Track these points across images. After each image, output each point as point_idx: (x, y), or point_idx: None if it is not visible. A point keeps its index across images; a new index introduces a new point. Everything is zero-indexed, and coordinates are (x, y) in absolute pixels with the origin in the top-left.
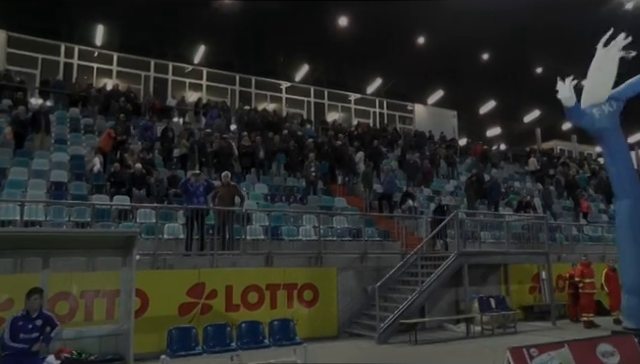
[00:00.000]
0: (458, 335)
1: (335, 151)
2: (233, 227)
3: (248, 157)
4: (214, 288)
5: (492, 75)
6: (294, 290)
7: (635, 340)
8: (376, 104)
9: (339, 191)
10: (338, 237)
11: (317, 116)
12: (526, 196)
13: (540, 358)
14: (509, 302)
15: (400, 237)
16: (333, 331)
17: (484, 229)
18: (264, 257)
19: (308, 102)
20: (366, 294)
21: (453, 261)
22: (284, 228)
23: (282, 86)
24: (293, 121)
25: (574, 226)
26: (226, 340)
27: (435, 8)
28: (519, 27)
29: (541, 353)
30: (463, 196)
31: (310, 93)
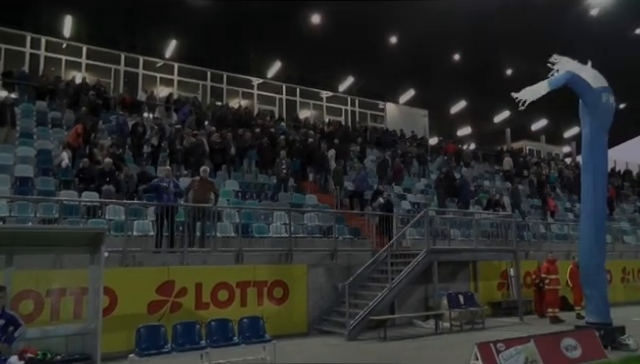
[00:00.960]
0: (427, 331)
1: (307, 148)
2: (204, 224)
3: (219, 154)
4: (184, 286)
5: (463, 75)
6: (264, 287)
7: (596, 334)
8: (348, 102)
9: (310, 188)
10: (309, 234)
11: (289, 113)
12: (495, 195)
13: (507, 353)
14: (477, 298)
15: (370, 235)
16: (303, 328)
17: (454, 227)
18: (234, 254)
19: (280, 99)
20: (336, 291)
21: (423, 258)
22: (255, 225)
23: (254, 82)
24: (266, 118)
25: (541, 224)
26: (195, 338)
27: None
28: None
29: (508, 348)
30: (433, 194)
31: (282, 90)
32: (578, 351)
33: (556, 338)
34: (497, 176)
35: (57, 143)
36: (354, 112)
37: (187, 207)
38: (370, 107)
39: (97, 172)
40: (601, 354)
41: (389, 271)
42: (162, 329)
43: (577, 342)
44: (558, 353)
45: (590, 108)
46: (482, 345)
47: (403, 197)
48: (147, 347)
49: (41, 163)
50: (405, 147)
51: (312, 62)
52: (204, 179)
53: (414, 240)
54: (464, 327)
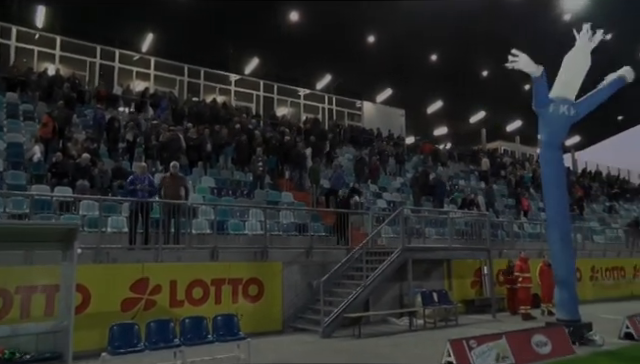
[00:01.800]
0: (401, 328)
1: (283, 146)
2: (179, 221)
3: (195, 150)
4: (158, 283)
5: (440, 76)
6: (239, 285)
7: (565, 330)
8: (325, 100)
9: (286, 186)
10: (284, 232)
11: (266, 110)
12: (470, 194)
13: (479, 349)
14: (451, 296)
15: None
16: (278, 326)
17: (429, 225)
18: (209, 251)
19: (257, 96)
20: (311, 289)
21: (398, 256)
22: (230, 222)
23: (231, 79)
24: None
25: (515, 223)
26: (169, 336)
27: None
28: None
29: (480, 344)
30: (409, 193)
31: (259, 87)
32: (548, 347)
33: (527, 334)
34: (472, 176)
35: (29, 136)
36: (331, 110)
37: (161, 203)
38: (347, 106)
39: (72, 167)
40: (570, 350)
41: (364, 269)
42: (135, 327)
43: (547, 338)
44: (529, 349)
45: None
46: (455, 342)
47: (379, 196)
48: (120, 345)
49: (11, 157)
50: (382, 146)
51: (290, 59)
52: (174, 175)
53: (389, 238)
54: (438, 324)
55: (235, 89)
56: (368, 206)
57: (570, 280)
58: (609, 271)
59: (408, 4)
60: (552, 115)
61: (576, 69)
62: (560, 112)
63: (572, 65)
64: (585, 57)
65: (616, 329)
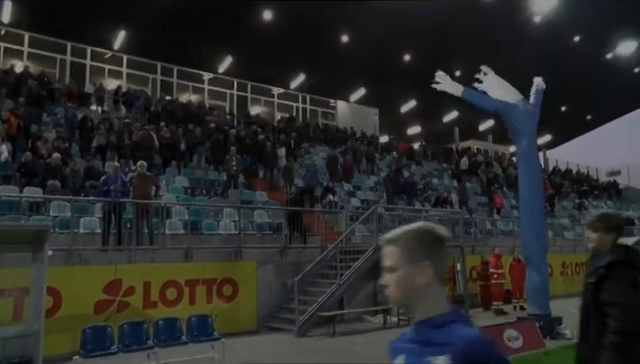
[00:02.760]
0: (376, 326)
1: (257, 145)
2: (152, 221)
3: (169, 149)
4: (131, 284)
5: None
6: (213, 285)
7: (536, 325)
8: (299, 99)
9: (260, 185)
10: (258, 231)
11: (240, 109)
12: (444, 192)
13: None
14: None
15: (320, 231)
16: (252, 326)
17: (402, 223)
18: (183, 252)
19: (231, 95)
20: (286, 288)
21: (371, 254)
22: (204, 222)
23: (205, 77)
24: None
25: (488, 220)
26: (143, 338)
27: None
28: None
29: None
30: (383, 191)
31: (233, 86)
32: (519, 341)
33: (499, 329)
34: (446, 174)
35: None
36: (305, 109)
37: (133, 204)
38: (321, 105)
39: (42, 166)
40: (540, 344)
41: (338, 267)
42: (108, 329)
43: (518, 333)
44: (500, 343)
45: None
46: None
47: (353, 194)
48: (93, 348)
49: None
50: (355, 145)
51: (264, 58)
52: (142, 174)
53: (363, 236)
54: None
55: (209, 88)
56: (342, 205)
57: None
58: (579, 266)
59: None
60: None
61: None
62: (529, 111)
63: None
64: None
65: None
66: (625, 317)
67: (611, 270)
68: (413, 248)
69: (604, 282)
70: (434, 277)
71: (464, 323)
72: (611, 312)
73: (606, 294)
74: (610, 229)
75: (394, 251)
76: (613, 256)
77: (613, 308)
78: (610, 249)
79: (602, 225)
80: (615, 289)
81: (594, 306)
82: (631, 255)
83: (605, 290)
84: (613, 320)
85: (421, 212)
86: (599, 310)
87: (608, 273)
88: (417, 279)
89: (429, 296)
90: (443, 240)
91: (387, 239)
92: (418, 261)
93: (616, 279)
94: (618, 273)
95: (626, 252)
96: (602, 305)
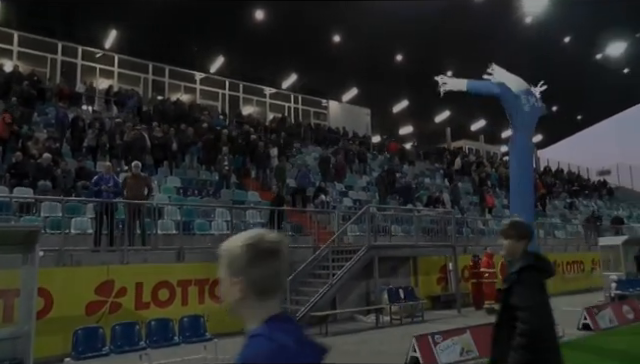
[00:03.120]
0: (368, 326)
1: (249, 145)
2: (144, 221)
3: (160, 149)
4: (124, 285)
5: (405, 76)
6: (205, 285)
7: None
8: (291, 99)
9: (252, 185)
10: None
11: (232, 109)
12: (435, 192)
13: (444, 344)
14: (417, 293)
15: (312, 231)
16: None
17: (395, 223)
18: (175, 252)
19: (223, 94)
20: None
21: (364, 254)
22: (196, 222)
23: (196, 77)
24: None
25: (480, 220)
26: (135, 339)
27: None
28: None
29: (445, 339)
30: (375, 191)
31: (225, 85)
32: None
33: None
34: (437, 174)
35: None
36: (297, 109)
37: (125, 204)
38: (313, 105)
39: (33, 167)
40: None
41: (330, 267)
42: (100, 330)
43: None
44: None
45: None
46: (420, 337)
47: (345, 194)
48: (84, 350)
49: None
50: (347, 145)
51: (256, 58)
52: (136, 175)
53: (356, 236)
54: (404, 321)
55: (200, 87)
56: (334, 205)
57: None
58: (570, 265)
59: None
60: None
61: None
62: (531, 103)
63: None
64: None
65: (575, 320)
66: (532, 320)
67: (521, 275)
68: (232, 262)
69: (515, 287)
70: (250, 292)
71: (266, 338)
72: (520, 315)
73: (516, 298)
74: (521, 236)
75: (220, 262)
76: (523, 262)
77: (522, 311)
78: (521, 255)
79: (514, 233)
80: (524, 293)
81: (506, 310)
82: (540, 261)
83: (515, 294)
84: (521, 323)
85: (413, 212)
86: (510, 313)
87: (519, 278)
88: (232, 293)
89: (245, 310)
90: (270, 252)
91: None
92: (234, 275)
93: (525, 283)
94: (527, 278)
95: (536, 258)
96: (512, 309)
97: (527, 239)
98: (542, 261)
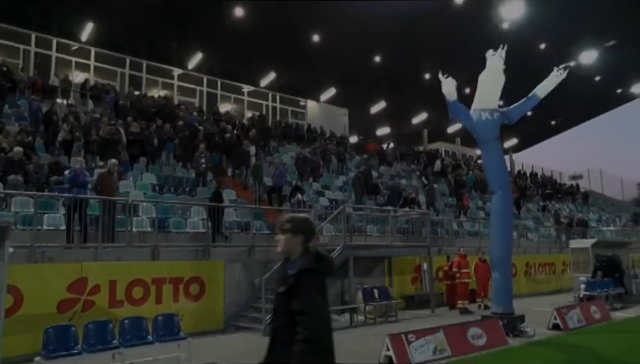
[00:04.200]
0: (342, 325)
1: (226, 143)
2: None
3: (137, 145)
4: (97, 283)
5: (383, 77)
6: (180, 284)
7: (500, 323)
8: (269, 98)
9: (229, 183)
10: (226, 230)
11: (210, 106)
12: (411, 193)
13: (417, 343)
14: (392, 292)
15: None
16: (219, 325)
17: (370, 223)
18: (150, 250)
19: (201, 91)
20: (253, 287)
21: (339, 254)
22: (172, 220)
23: (174, 73)
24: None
25: (454, 221)
26: (108, 338)
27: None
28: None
29: (418, 338)
30: (351, 191)
31: (203, 82)
32: (483, 339)
33: (463, 328)
34: (413, 175)
35: None
36: (275, 108)
37: (100, 200)
38: (291, 104)
39: (3, 161)
40: (503, 341)
41: None
42: (72, 329)
43: (482, 331)
44: (465, 342)
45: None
46: (394, 336)
47: (321, 194)
48: (55, 349)
49: None
50: (325, 144)
51: (234, 55)
52: (112, 172)
53: (332, 236)
54: (378, 320)
55: (178, 84)
56: (310, 204)
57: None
58: (542, 266)
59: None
60: (476, 122)
61: (490, 86)
62: (483, 118)
63: (485, 84)
64: (498, 75)
65: (546, 320)
66: (314, 325)
67: (301, 278)
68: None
69: (294, 290)
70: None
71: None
72: (301, 320)
73: (297, 302)
74: (297, 231)
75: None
76: (303, 263)
77: (303, 316)
78: (301, 254)
79: (289, 227)
80: (305, 297)
81: (284, 314)
82: (320, 262)
83: (296, 298)
84: (304, 328)
85: (389, 212)
86: (290, 318)
87: (298, 281)
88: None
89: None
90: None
91: None
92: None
93: (306, 287)
94: (308, 280)
95: (316, 259)
96: (293, 313)
97: (304, 235)
98: (323, 262)
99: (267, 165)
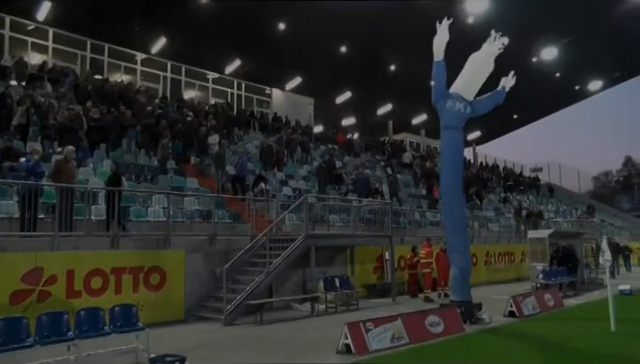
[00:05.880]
0: (303, 314)
1: (189, 130)
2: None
3: (97, 131)
4: (53, 273)
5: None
6: (140, 274)
7: (457, 311)
8: (234, 85)
9: (191, 172)
10: (188, 219)
11: (174, 93)
12: (375, 183)
13: (375, 331)
14: (353, 281)
15: (250, 219)
16: (180, 315)
17: (334, 213)
18: (110, 239)
19: (164, 77)
20: (214, 277)
21: (301, 243)
22: (132, 209)
23: (137, 57)
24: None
25: (417, 211)
26: (62, 329)
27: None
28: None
29: (377, 326)
30: (315, 181)
31: (167, 68)
32: (441, 326)
33: (421, 316)
34: (378, 166)
35: None
36: (240, 96)
37: (57, 188)
38: (257, 92)
39: None
40: (461, 328)
41: (267, 256)
42: (24, 321)
43: (440, 319)
44: (423, 329)
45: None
46: (352, 325)
47: (285, 183)
48: (5, 341)
49: None
50: (289, 134)
51: (199, 41)
52: (69, 160)
53: (295, 225)
54: (339, 309)
55: (141, 68)
56: (274, 193)
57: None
58: (501, 256)
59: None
60: (449, 111)
61: (478, 72)
62: (456, 108)
63: (476, 67)
64: (489, 62)
65: (502, 308)
66: None
67: None
68: None
69: None
70: None
71: None
72: None
73: None
74: None
75: None
76: None
77: None
78: None
79: None
80: None
81: None
82: None
83: None
84: None
85: (352, 202)
86: None
87: None
88: None
89: None
90: None
91: None
92: None
93: None
94: None
95: None
96: None
97: None
98: None
99: (231, 154)
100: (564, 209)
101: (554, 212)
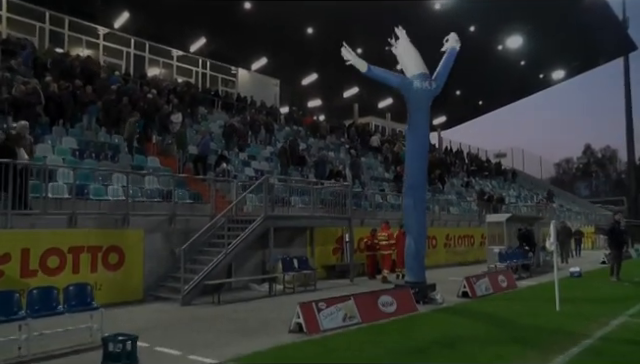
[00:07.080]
0: (261, 294)
1: (151, 108)
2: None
3: (56, 107)
4: (7, 252)
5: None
6: (98, 253)
7: (410, 291)
8: (199, 64)
9: (152, 150)
10: (148, 198)
11: (137, 70)
12: (338, 166)
13: (328, 310)
14: (313, 262)
15: (211, 200)
16: (138, 295)
17: (295, 194)
18: (67, 218)
19: (128, 53)
20: (173, 257)
21: (260, 224)
22: (91, 187)
23: (100, 32)
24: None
25: (378, 194)
26: (13, 309)
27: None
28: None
29: (329, 306)
30: (277, 162)
31: (130, 44)
32: (393, 306)
33: (374, 296)
34: (342, 148)
35: None
36: (205, 75)
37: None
38: (222, 71)
39: None
40: (413, 308)
41: (226, 236)
42: None
43: (393, 299)
44: (375, 309)
45: (405, 94)
46: (304, 304)
47: (247, 164)
48: None
49: None
50: (254, 114)
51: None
52: (23, 136)
53: (255, 206)
54: (297, 289)
55: (104, 43)
56: (236, 174)
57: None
58: (461, 239)
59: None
60: (417, 91)
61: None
62: (423, 87)
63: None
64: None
65: (457, 289)
66: None
67: None
68: None
69: None
70: None
71: None
72: None
73: None
74: None
75: None
76: None
77: None
78: None
79: None
80: None
81: None
82: None
83: None
84: None
85: (311, 184)
86: None
87: None
88: None
89: None
90: None
91: None
92: None
93: None
94: None
95: None
96: None
97: None
98: None
99: (194, 133)
100: (525, 194)
101: (515, 197)
